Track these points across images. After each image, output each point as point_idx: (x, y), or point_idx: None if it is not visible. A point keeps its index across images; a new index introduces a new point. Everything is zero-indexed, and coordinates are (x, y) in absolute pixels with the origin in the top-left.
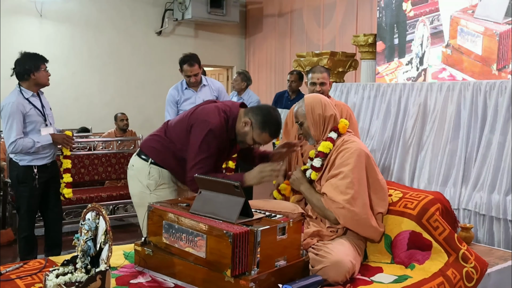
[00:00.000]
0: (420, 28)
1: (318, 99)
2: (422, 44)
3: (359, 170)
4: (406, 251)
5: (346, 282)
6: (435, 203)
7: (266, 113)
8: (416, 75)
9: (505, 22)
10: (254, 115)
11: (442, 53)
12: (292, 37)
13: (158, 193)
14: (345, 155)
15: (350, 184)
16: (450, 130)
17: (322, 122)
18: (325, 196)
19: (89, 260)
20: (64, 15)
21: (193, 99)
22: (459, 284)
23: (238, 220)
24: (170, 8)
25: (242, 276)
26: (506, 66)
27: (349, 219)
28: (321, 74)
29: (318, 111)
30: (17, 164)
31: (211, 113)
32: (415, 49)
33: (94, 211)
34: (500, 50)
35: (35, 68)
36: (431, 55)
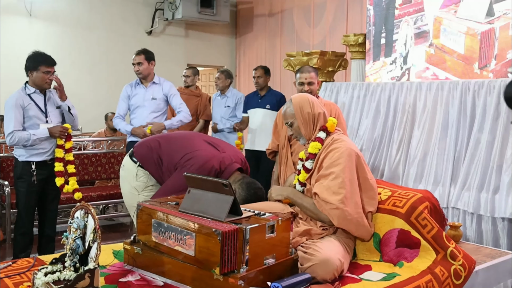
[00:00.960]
0: (404, 28)
1: (306, 97)
2: (406, 44)
3: (350, 170)
4: (394, 249)
5: (335, 280)
6: (424, 201)
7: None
8: (400, 75)
9: (486, 22)
10: (240, 188)
11: (425, 52)
12: (283, 37)
13: (146, 193)
14: (335, 154)
15: (342, 184)
16: (439, 130)
17: (312, 120)
18: (317, 198)
19: (78, 259)
20: (54, 14)
21: (142, 95)
22: (447, 281)
23: (227, 219)
24: (160, 8)
25: (231, 274)
26: (488, 65)
27: (342, 219)
28: (308, 74)
29: (307, 109)
30: (16, 160)
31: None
32: (399, 48)
33: (83, 210)
34: (482, 49)
35: (32, 68)
36: (414, 54)
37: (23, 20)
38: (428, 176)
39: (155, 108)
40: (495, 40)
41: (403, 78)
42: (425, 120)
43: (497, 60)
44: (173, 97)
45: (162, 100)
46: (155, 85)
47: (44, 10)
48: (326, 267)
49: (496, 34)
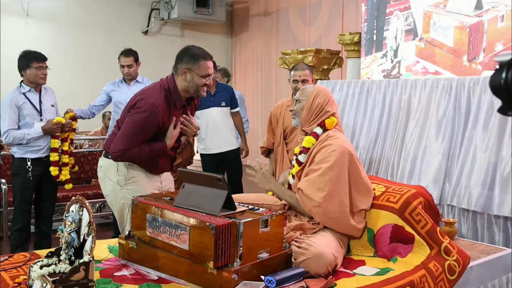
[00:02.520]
0: (394, 22)
1: (327, 92)
2: (396, 37)
3: (340, 168)
4: (388, 244)
5: (328, 274)
6: (418, 197)
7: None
8: (390, 68)
9: (475, 15)
10: (181, 61)
11: (415, 46)
12: (278, 36)
13: (129, 187)
14: (327, 151)
15: (327, 182)
16: (434, 127)
17: (317, 112)
18: (300, 193)
19: (73, 252)
20: (50, 14)
21: (124, 93)
22: (441, 276)
23: (221, 213)
24: (156, 8)
25: (224, 268)
26: (476, 57)
27: (324, 217)
28: (302, 72)
29: (319, 100)
30: (13, 156)
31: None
32: (389, 42)
33: (78, 203)
34: (471, 42)
35: (25, 66)
36: (405, 48)
37: (20, 20)
38: (423, 173)
39: None
40: (484, 33)
41: (393, 71)
42: (419, 117)
43: (485, 52)
44: None
45: None
46: (139, 83)
47: (41, 10)
48: (320, 261)
49: (484, 27)
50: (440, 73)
